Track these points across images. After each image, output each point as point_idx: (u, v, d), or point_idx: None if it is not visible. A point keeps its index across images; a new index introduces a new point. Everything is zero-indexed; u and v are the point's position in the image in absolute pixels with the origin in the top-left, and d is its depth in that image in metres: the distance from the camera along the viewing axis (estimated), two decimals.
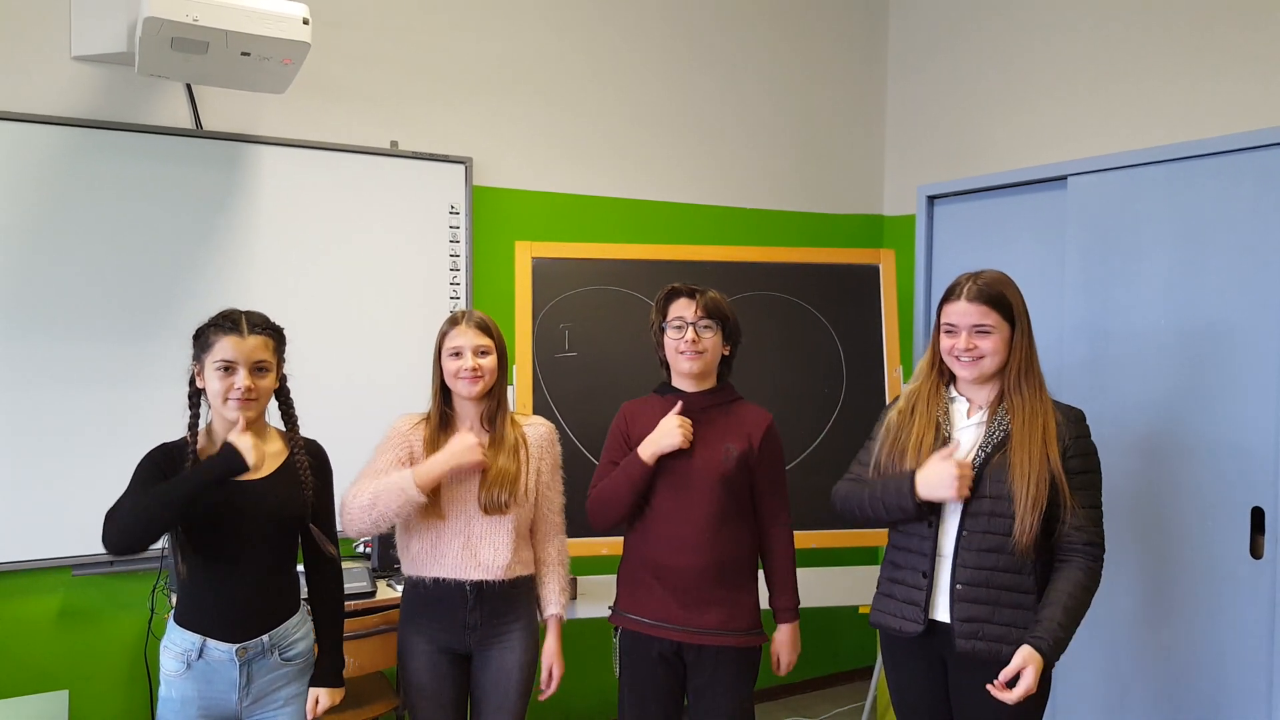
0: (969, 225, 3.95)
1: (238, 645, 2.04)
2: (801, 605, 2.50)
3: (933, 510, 2.16)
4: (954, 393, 2.26)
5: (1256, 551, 2.90)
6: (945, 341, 2.20)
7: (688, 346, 2.36)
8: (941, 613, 2.17)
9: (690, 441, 2.33)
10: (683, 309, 2.39)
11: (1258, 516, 2.90)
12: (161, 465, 2.02)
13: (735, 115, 4.11)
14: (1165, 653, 3.13)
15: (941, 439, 2.20)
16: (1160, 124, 3.24)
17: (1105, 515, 2.17)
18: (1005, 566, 2.11)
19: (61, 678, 2.94)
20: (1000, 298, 2.14)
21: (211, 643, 2.04)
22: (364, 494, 2.24)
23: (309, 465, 2.14)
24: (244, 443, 1.97)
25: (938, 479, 2.10)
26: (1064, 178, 3.49)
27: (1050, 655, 2.02)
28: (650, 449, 2.32)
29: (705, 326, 2.37)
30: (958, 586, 2.12)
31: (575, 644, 3.65)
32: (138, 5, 2.58)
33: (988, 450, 2.14)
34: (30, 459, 2.87)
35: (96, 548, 2.89)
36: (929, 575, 2.17)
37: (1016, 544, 2.07)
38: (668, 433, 2.32)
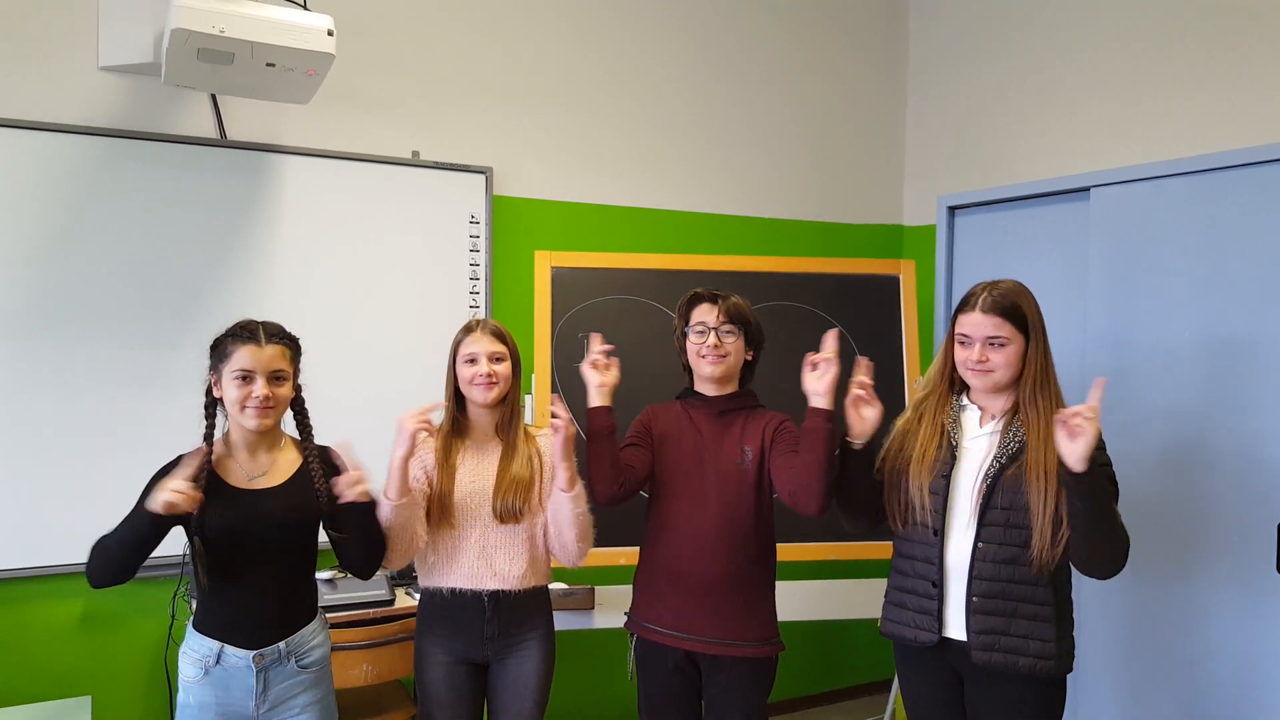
0: (990, 236, 3.93)
1: (255, 652, 2.05)
2: (818, 618, 2.47)
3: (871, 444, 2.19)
4: (966, 400, 2.24)
5: None
6: (959, 353, 2.18)
7: (709, 351, 2.37)
8: (954, 628, 2.15)
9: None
10: (705, 314, 2.40)
11: None
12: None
13: (755, 125, 4.11)
14: (1189, 667, 3.09)
15: (948, 447, 2.19)
16: (1184, 135, 3.21)
17: (1126, 525, 2.14)
18: (1021, 578, 2.09)
19: (83, 683, 2.96)
20: (1015, 309, 2.12)
21: (229, 649, 2.05)
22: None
23: (323, 473, 2.15)
24: (164, 492, 1.90)
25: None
26: (1087, 189, 3.47)
27: (1096, 470, 1.94)
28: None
29: (727, 331, 2.38)
30: (973, 599, 2.10)
31: (592, 653, 3.67)
32: (165, 17, 2.61)
33: (1002, 461, 2.12)
34: (54, 464, 2.90)
35: None
36: (939, 585, 2.16)
37: (1035, 558, 2.05)
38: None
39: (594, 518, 2.35)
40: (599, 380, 2.34)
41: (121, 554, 1.97)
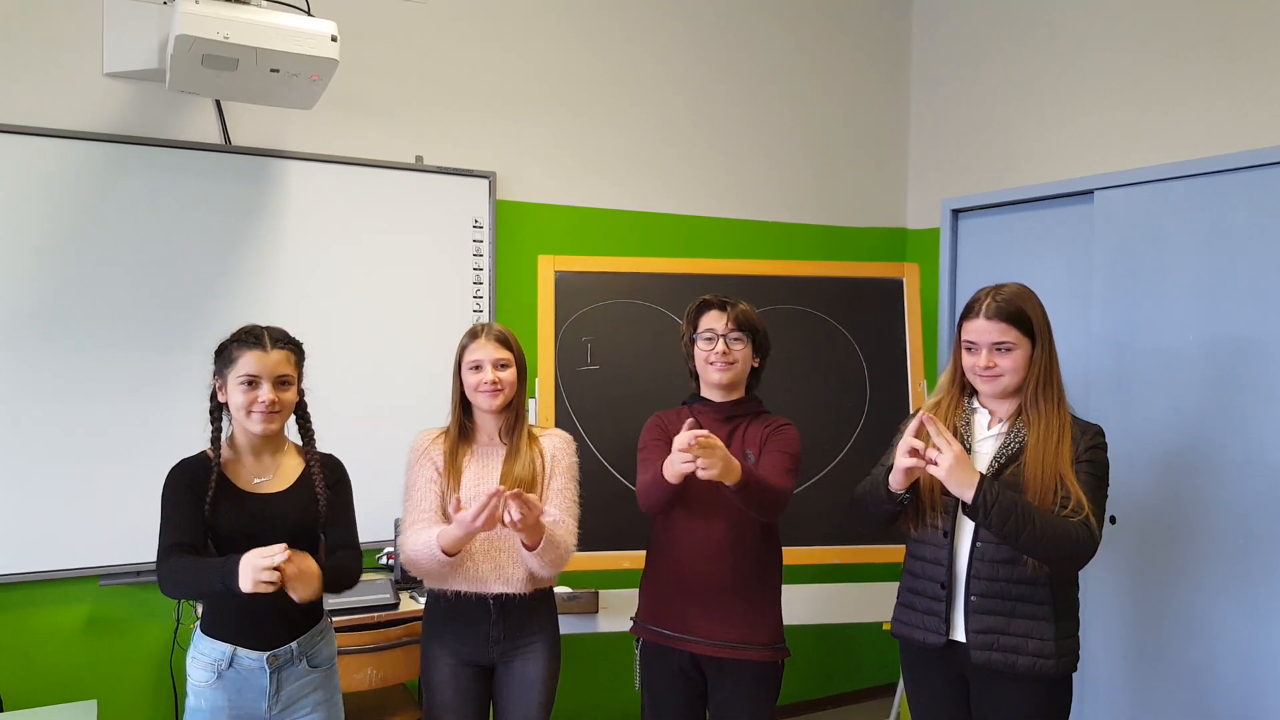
0: (994, 239, 3.93)
1: (269, 653, 2.07)
2: (824, 622, 2.46)
3: (910, 492, 2.12)
4: (976, 404, 2.25)
5: None
6: (967, 359, 2.19)
7: (718, 358, 2.38)
8: (960, 630, 2.15)
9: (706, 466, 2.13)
10: (713, 321, 2.41)
11: None
12: (189, 484, 2.05)
13: (758, 129, 4.11)
14: (1194, 669, 3.09)
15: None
16: (1188, 138, 3.21)
17: (1130, 529, 2.14)
18: (1019, 578, 2.09)
19: (89, 687, 2.96)
20: (1020, 314, 2.13)
21: (242, 651, 2.06)
22: (407, 546, 2.26)
23: (323, 479, 2.17)
24: (257, 574, 1.85)
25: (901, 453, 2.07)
26: (1090, 192, 3.47)
27: (983, 487, 1.95)
28: (670, 472, 2.19)
29: (735, 339, 2.39)
30: (972, 598, 2.11)
31: (597, 657, 3.67)
32: (169, 23, 2.62)
33: (1001, 462, 2.13)
34: (59, 468, 2.90)
35: (124, 558, 2.94)
36: (947, 587, 2.16)
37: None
38: (676, 460, 2.14)
39: (571, 553, 2.32)
40: (686, 471, 2.13)
41: (193, 594, 2.18)
